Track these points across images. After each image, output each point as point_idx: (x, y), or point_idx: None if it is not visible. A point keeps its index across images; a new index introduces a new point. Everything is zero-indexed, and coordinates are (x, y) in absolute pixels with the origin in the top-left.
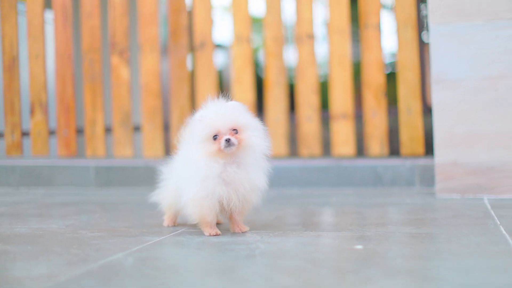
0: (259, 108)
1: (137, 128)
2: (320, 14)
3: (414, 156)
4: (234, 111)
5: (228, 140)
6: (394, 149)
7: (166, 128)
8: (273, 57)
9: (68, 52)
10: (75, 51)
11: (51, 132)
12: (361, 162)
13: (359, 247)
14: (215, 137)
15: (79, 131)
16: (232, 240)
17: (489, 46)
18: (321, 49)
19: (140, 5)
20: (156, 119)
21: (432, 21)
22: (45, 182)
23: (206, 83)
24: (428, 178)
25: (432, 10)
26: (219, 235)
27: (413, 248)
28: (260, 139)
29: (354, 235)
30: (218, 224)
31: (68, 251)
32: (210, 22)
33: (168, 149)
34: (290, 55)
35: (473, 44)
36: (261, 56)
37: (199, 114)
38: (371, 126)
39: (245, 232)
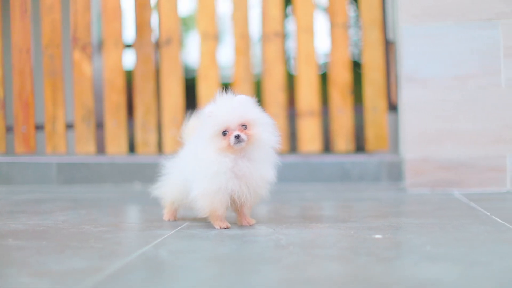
0: None
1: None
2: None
3: (379, 152)
4: (242, 107)
5: (237, 136)
6: (359, 146)
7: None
8: (240, 54)
9: (27, 46)
10: (35, 45)
11: (9, 129)
12: (329, 159)
13: (379, 236)
14: (224, 133)
15: (39, 128)
16: (246, 232)
17: (459, 46)
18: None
19: (104, 0)
20: (120, 115)
21: (403, 21)
22: (4, 179)
23: (171, 80)
24: (394, 174)
25: (403, 11)
26: (229, 228)
27: (430, 237)
28: (269, 134)
29: (362, 226)
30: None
31: (89, 245)
32: (176, 18)
33: (132, 146)
34: (258, 53)
35: (443, 44)
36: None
37: (208, 109)
38: (337, 124)
39: (253, 225)
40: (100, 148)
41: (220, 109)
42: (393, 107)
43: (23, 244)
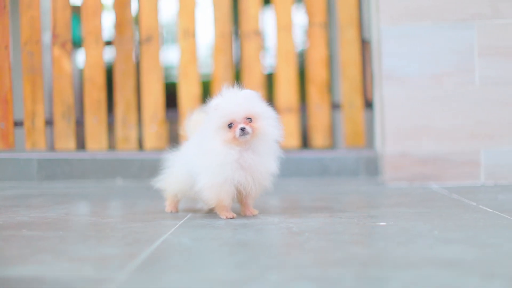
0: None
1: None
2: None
3: (356, 147)
4: (248, 100)
5: (243, 129)
6: (336, 141)
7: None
8: (220, 52)
9: (5, 43)
10: (14, 42)
11: None
12: (308, 154)
13: (383, 223)
14: (230, 126)
15: (18, 124)
16: (254, 222)
17: (436, 46)
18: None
19: None
20: (101, 112)
21: (383, 21)
22: None
23: (152, 77)
24: (371, 169)
25: (383, 12)
26: (234, 217)
27: (432, 224)
28: (273, 128)
29: (361, 215)
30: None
31: (108, 235)
32: (156, 16)
33: (112, 142)
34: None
35: (421, 44)
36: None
37: (214, 102)
38: (315, 120)
39: (256, 215)
40: (81, 144)
41: (227, 102)
42: (368, 104)
43: (41, 234)
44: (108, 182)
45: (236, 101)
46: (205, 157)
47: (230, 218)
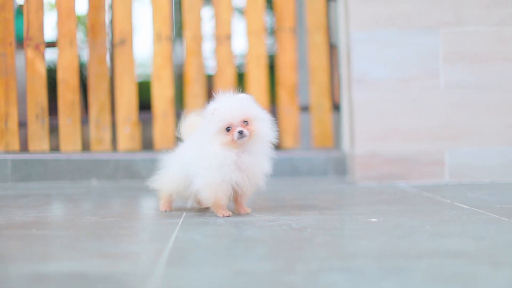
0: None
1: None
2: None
3: (324, 148)
4: (244, 104)
5: (241, 132)
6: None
7: None
8: (192, 55)
9: None
10: None
11: None
12: (280, 155)
13: (374, 220)
14: (228, 129)
15: None
16: (251, 219)
17: (403, 51)
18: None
19: (58, 0)
20: (75, 113)
21: (352, 27)
22: None
23: (125, 79)
24: (340, 169)
25: (353, 17)
26: (230, 216)
27: (420, 220)
28: (268, 130)
29: (349, 212)
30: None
31: (119, 233)
32: (129, 19)
33: (87, 143)
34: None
35: (389, 49)
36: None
37: (212, 107)
38: (285, 122)
39: (249, 213)
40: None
41: (224, 106)
42: (335, 106)
43: (53, 233)
44: (84, 182)
45: (233, 105)
46: (203, 159)
47: (227, 216)
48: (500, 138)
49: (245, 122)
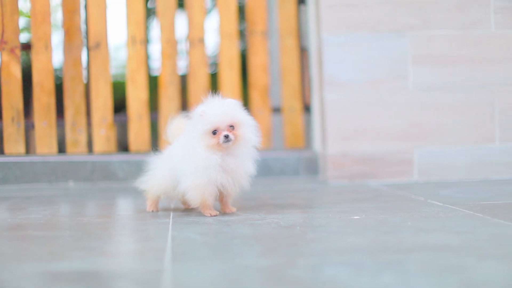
0: (153, 106)
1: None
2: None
3: (296, 148)
4: (232, 109)
5: (226, 136)
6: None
7: None
8: (167, 59)
9: None
10: None
11: None
12: None
13: (357, 217)
14: (214, 132)
15: None
16: (239, 218)
17: (373, 54)
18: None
19: (33, 3)
20: (50, 116)
21: (324, 31)
22: None
23: (100, 82)
24: (311, 168)
25: (324, 21)
26: (217, 215)
27: (401, 217)
28: (252, 135)
29: (331, 210)
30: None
31: (115, 233)
32: (104, 23)
33: (62, 145)
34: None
35: (358, 52)
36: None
37: (200, 109)
38: (257, 123)
39: (234, 212)
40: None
41: (212, 110)
42: (306, 108)
43: (51, 234)
44: (61, 185)
45: (221, 109)
46: (190, 160)
47: (214, 215)
48: (466, 137)
49: (231, 126)
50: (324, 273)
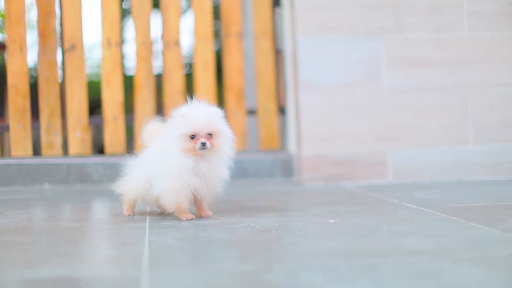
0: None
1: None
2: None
3: (271, 150)
4: (213, 118)
5: (203, 144)
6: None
7: None
8: (142, 61)
9: None
10: None
11: None
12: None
13: (333, 220)
14: (192, 137)
15: None
16: (214, 222)
17: (347, 56)
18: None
19: (7, 4)
20: (25, 119)
21: (299, 34)
22: None
23: (75, 84)
24: (286, 170)
25: (299, 24)
26: (193, 219)
27: (375, 220)
28: (228, 147)
29: (306, 214)
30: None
31: (92, 238)
32: (79, 25)
33: (37, 148)
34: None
35: (334, 55)
36: None
37: (183, 111)
38: (233, 125)
39: (210, 216)
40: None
41: (194, 114)
42: (281, 110)
43: (28, 239)
44: (36, 187)
45: (203, 115)
46: (163, 163)
47: (190, 219)
48: (440, 139)
49: (210, 134)
50: (301, 278)
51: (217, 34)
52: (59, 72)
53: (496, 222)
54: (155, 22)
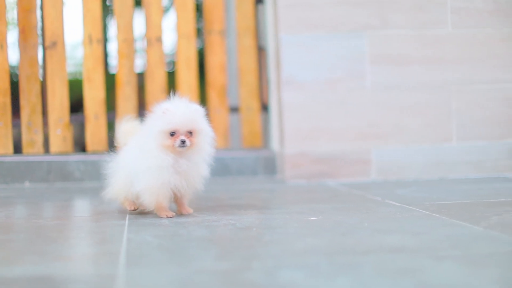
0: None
1: None
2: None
3: (253, 148)
4: (195, 115)
5: (183, 141)
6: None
7: None
8: (124, 58)
9: None
10: None
11: None
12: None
13: (313, 218)
14: (172, 134)
15: None
16: (195, 220)
17: (330, 53)
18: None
19: None
20: (6, 116)
21: (282, 31)
22: None
23: (57, 81)
24: (269, 168)
25: (282, 21)
26: (173, 216)
27: (358, 217)
28: (208, 145)
29: (288, 211)
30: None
31: (70, 236)
32: (61, 22)
33: (18, 146)
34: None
35: (317, 52)
36: None
37: (164, 107)
38: (215, 122)
39: (191, 213)
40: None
41: (176, 111)
42: (264, 107)
43: (5, 237)
44: (17, 185)
45: (184, 112)
46: (143, 160)
47: (170, 217)
48: (422, 137)
49: (190, 132)
50: (280, 276)
51: (200, 32)
52: (40, 69)
53: (479, 220)
54: (139, 20)
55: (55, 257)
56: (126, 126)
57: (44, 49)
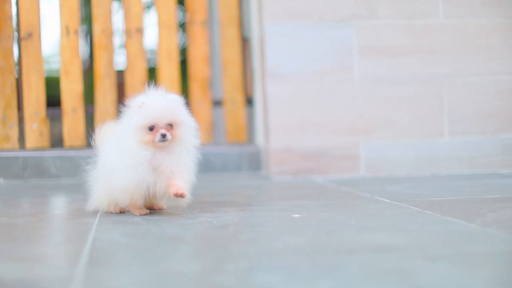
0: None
1: None
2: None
3: (238, 143)
4: (173, 106)
5: (164, 135)
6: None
7: None
8: (102, 49)
9: None
10: None
11: None
12: None
13: (297, 215)
14: (151, 128)
15: None
16: (169, 217)
17: (317, 44)
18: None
19: None
20: None
21: (266, 21)
22: None
23: (32, 74)
24: (254, 163)
25: (266, 11)
26: (147, 214)
27: (345, 214)
28: (191, 136)
29: (271, 208)
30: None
31: (33, 234)
32: (37, 12)
33: None
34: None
35: (303, 43)
36: None
37: (139, 100)
38: (198, 116)
39: (164, 209)
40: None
41: (152, 103)
42: (248, 100)
43: None
44: None
45: (162, 104)
46: (120, 157)
47: (144, 215)
48: (414, 131)
49: (170, 125)
50: (254, 279)
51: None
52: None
53: (474, 216)
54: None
55: (10, 258)
56: (106, 128)
57: (19, 40)
